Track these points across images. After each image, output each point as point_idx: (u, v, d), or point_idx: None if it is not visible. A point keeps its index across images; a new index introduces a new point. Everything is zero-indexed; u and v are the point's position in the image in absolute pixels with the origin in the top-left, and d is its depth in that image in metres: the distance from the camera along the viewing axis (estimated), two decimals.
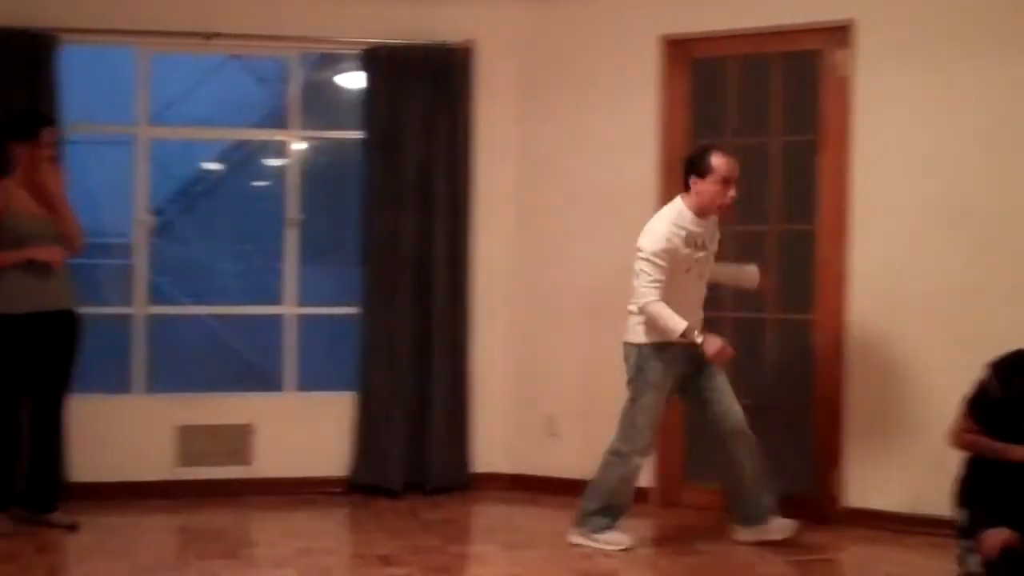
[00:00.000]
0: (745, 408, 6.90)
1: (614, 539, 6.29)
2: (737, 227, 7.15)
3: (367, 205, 7.68)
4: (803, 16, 6.88)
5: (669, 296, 6.01)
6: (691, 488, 7.27)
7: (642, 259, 6.04)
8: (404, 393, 7.60)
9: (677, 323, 5.96)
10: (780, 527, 6.27)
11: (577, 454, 7.45)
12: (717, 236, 6.26)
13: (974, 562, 5.19)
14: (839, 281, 6.78)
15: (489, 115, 7.73)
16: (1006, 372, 5.36)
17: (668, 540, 6.62)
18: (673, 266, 6.02)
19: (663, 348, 6.12)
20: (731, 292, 7.13)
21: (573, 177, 7.58)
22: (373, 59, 7.62)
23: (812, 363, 6.91)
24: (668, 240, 6.01)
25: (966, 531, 5.31)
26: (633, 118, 7.35)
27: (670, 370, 6.18)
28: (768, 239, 7.11)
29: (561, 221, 7.61)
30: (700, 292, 6.27)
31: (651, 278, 6.01)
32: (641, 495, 7.21)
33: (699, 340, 5.98)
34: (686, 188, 6.12)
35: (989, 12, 6.40)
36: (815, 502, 6.87)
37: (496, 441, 7.75)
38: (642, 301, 6.05)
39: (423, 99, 7.61)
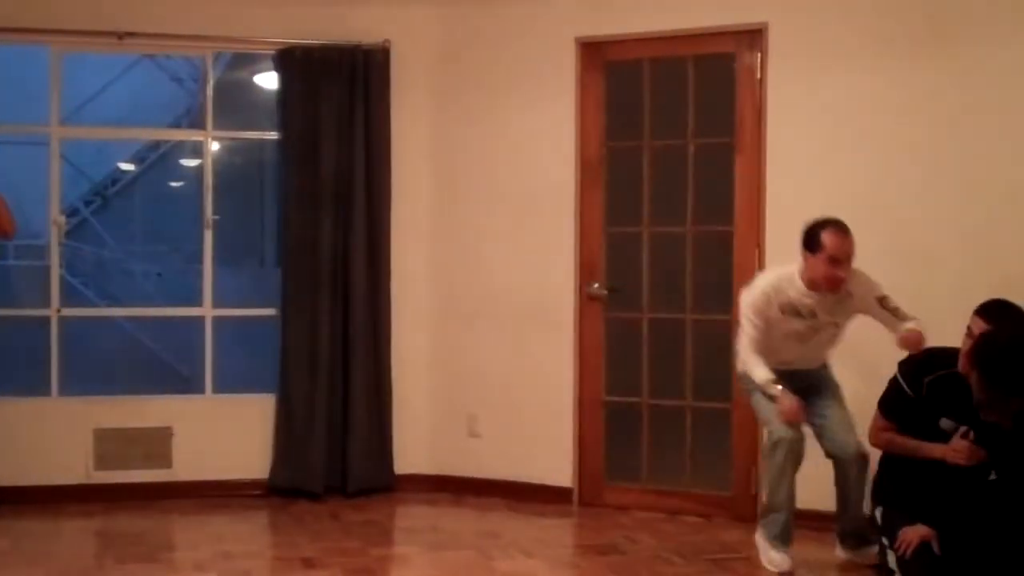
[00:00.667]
0: (664, 408, 7.00)
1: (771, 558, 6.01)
2: (654, 229, 7.24)
3: (284, 206, 7.65)
4: (717, 19, 6.95)
5: (770, 341, 5.91)
6: (612, 488, 7.31)
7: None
8: (324, 395, 7.57)
9: (758, 374, 5.85)
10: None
11: (499, 455, 7.51)
12: (848, 309, 5.90)
13: (891, 559, 5.28)
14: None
15: (406, 116, 7.72)
16: (915, 372, 5.46)
17: (588, 540, 6.66)
18: (772, 326, 5.89)
19: None
20: (648, 290, 7.22)
21: (491, 179, 7.60)
22: (289, 59, 7.58)
23: (730, 362, 6.98)
24: (764, 304, 5.87)
25: (883, 528, 5.40)
26: (550, 120, 7.38)
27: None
28: (685, 241, 7.18)
29: (480, 222, 7.63)
30: (805, 351, 6.02)
31: (746, 333, 5.92)
32: (562, 495, 7.29)
33: (775, 394, 5.83)
34: (802, 255, 5.84)
35: (899, 16, 6.49)
36: (734, 500, 6.95)
37: (418, 442, 7.75)
38: (741, 348, 5.98)
39: (339, 100, 7.59)
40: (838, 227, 5.69)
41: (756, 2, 6.85)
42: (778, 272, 5.95)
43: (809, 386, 5.97)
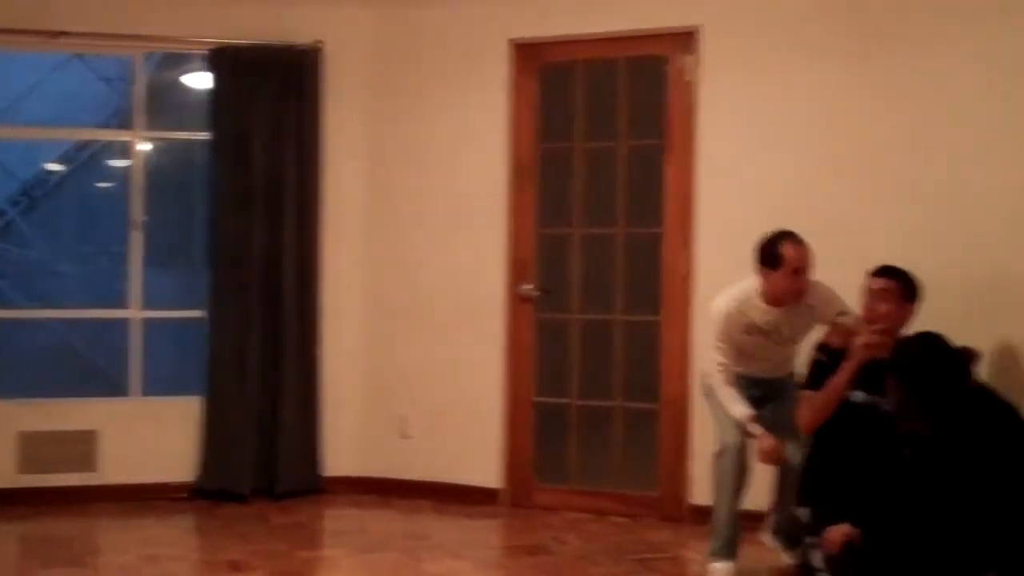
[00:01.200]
0: (593, 409, 7.00)
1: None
2: (585, 230, 7.26)
3: (214, 208, 7.58)
4: (650, 22, 6.98)
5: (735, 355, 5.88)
6: (541, 489, 7.31)
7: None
8: (252, 397, 7.51)
9: (736, 410, 5.77)
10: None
11: (429, 456, 7.49)
12: (809, 322, 5.85)
13: (817, 558, 5.30)
14: (685, 283, 6.89)
15: (338, 117, 7.68)
16: (827, 344, 5.54)
17: (517, 541, 6.66)
18: (738, 345, 5.85)
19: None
20: (579, 292, 7.24)
21: (424, 180, 7.58)
22: (220, 59, 7.52)
23: (659, 363, 7.01)
24: (727, 327, 5.81)
25: (810, 528, 5.42)
26: (483, 122, 7.38)
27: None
28: (616, 242, 7.20)
29: (412, 224, 7.60)
30: (771, 364, 5.97)
31: (717, 360, 5.85)
32: (491, 496, 7.28)
33: (755, 433, 5.76)
34: (759, 273, 5.77)
35: (828, 22, 6.55)
36: (661, 501, 6.97)
37: (347, 444, 7.70)
38: (714, 377, 5.89)
39: (271, 100, 7.54)
40: (794, 239, 5.68)
41: (689, 6, 6.89)
42: (735, 292, 5.85)
43: (771, 393, 5.96)
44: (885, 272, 5.44)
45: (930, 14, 6.20)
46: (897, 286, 5.40)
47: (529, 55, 7.33)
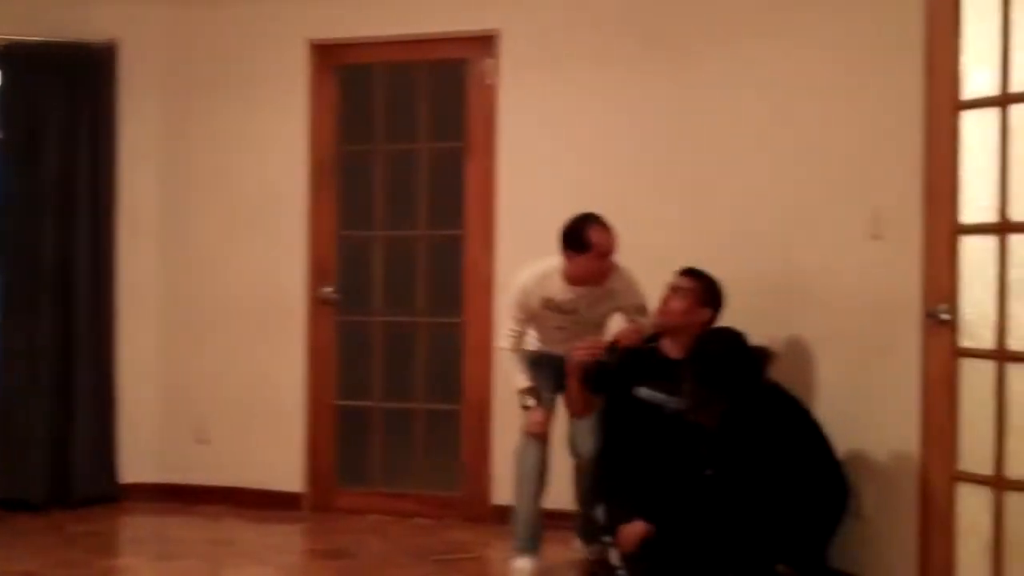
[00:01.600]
0: (396, 411, 7.01)
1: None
2: (386, 233, 7.27)
3: (4, 210, 7.36)
4: (449, 25, 7.02)
5: (537, 325, 5.99)
6: (343, 492, 7.29)
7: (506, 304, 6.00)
8: (45, 403, 7.32)
9: (517, 380, 5.90)
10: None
11: (229, 461, 7.41)
12: (609, 306, 5.98)
13: (615, 556, 5.41)
14: (486, 285, 6.95)
15: (135, 117, 7.52)
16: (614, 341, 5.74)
17: (319, 545, 6.64)
18: (537, 319, 5.94)
19: (536, 355, 6.06)
20: (380, 294, 7.25)
21: (222, 182, 7.48)
22: (9, 57, 7.31)
23: (461, 365, 7.06)
24: (524, 299, 5.88)
25: (606, 526, 5.52)
26: (282, 123, 7.33)
27: (543, 371, 6.03)
28: (417, 244, 7.22)
29: (211, 226, 7.50)
30: (574, 340, 5.92)
31: (506, 327, 5.95)
32: (293, 500, 7.24)
33: (528, 404, 5.87)
34: (564, 255, 5.81)
35: (625, 25, 6.70)
36: (465, 501, 7.02)
37: (145, 450, 7.55)
38: (500, 343, 6.01)
39: (64, 100, 7.35)
40: (600, 223, 5.77)
41: (488, 10, 6.95)
42: (538, 267, 5.94)
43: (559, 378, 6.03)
44: (689, 272, 5.61)
45: (717, 21, 6.36)
46: (696, 287, 5.56)
47: (328, 56, 7.31)
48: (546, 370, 6.00)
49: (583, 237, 5.73)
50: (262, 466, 7.35)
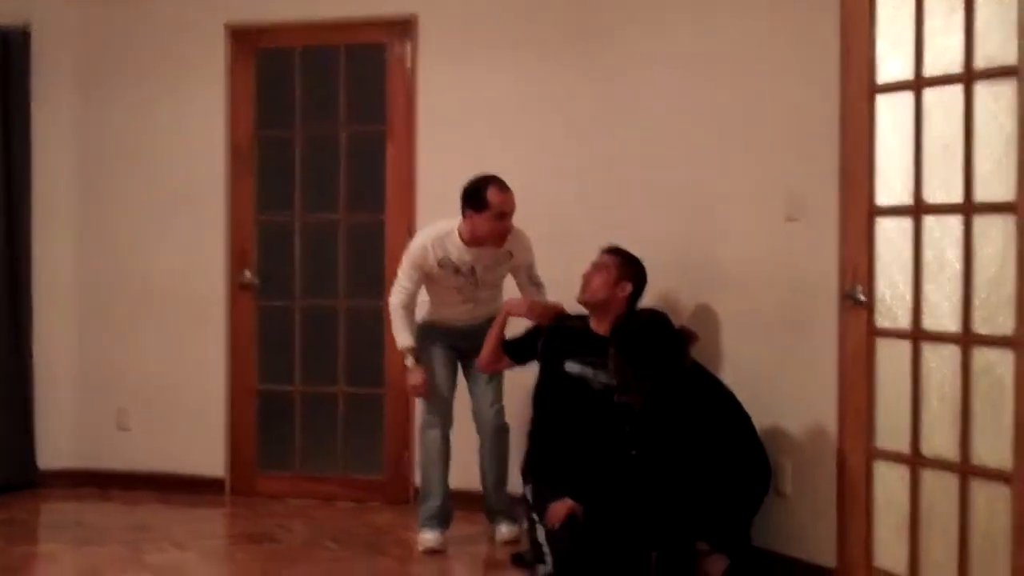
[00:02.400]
0: (318, 395, 7.00)
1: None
2: (306, 217, 7.25)
3: None
4: (367, 9, 7.01)
5: (434, 293, 6.06)
6: (266, 477, 7.28)
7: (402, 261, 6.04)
8: None
9: (400, 338, 5.99)
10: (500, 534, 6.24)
11: (149, 447, 7.38)
12: (505, 268, 6.07)
13: (540, 534, 5.45)
14: None
15: (48, 103, 7.43)
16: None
17: (242, 530, 6.62)
18: (433, 281, 5.99)
19: (430, 326, 6.12)
20: (301, 278, 7.24)
21: (140, 167, 7.42)
22: None
23: (383, 349, 7.05)
24: (421, 257, 5.93)
25: (533, 505, 5.57)
26: (201, 107, 7.28)
27: (438, 344, 6.12)
28: (338, 228, 7.21)
29: (129, 212, 7.44)
30: (469, 308, 6.09)
31: (399, 283, 5.99)
32: (215, 486, 7.22)
33: (408, 365, 6.00)
34: (463, 215, 5.90)
35: (545, 10, 6.73)
36: (387, 484, 7.04)
37: (63, 436, 7.49)
38: (391, 299, 6.03)
39: None
40: (500, 183, 5.85)
41: None
42: (437, 226, 6.00)
43: (473, 347, 6.07)
44: (611, 250, 5.73)
45: (633, 6, 6.41)
46: (615, 261, 5.67)
47: (246, 40, 7.27)
48: (438, 349, 6.10)
49: (482, 196, 5.81)
50: (183, 452, 7.32)
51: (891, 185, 4.96)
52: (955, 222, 4.64)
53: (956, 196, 4.63)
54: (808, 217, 5.32)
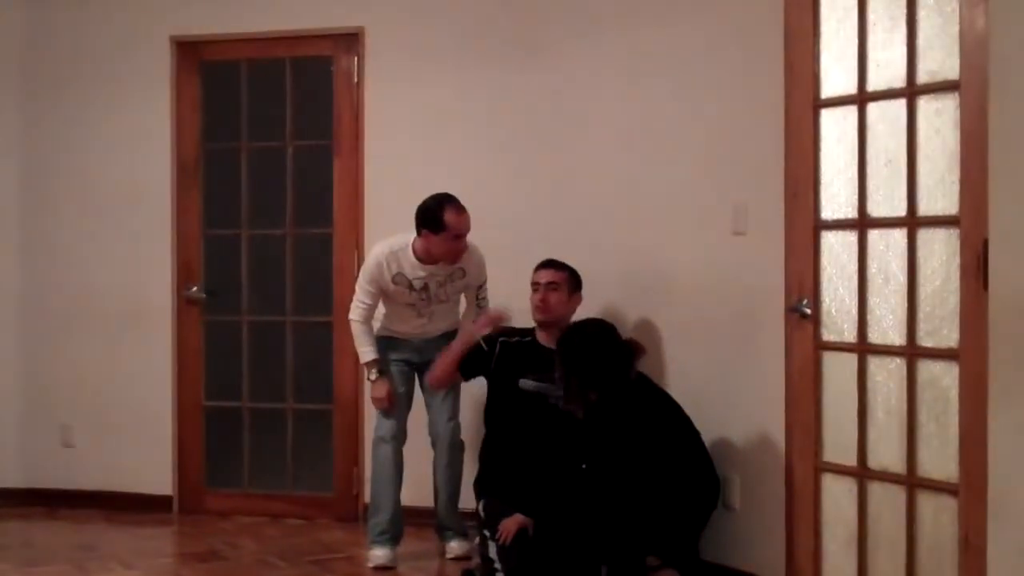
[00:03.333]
0: (266, 411, 6.95)
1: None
2: (253, 231, 7.21)
3: None
4: (313, 22, 6.98)
5: (390, 309, 6.09)
6: (213, 494, 7.22)
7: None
8: None
9: (363, 353, 6.01)
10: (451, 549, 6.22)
11: (95, 465, 7.31)
12: (459, 286, 6.08)
13: (492, 549, 5.44)
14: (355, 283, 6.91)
15: None
16: (493, 334, 5.85)
17: (190, 548, 6.56)
18: (388, 296, 6.01)
19: (384, 339, 6.11)
20: (248, 293, 7.20)
21: (83, 180, 7.35)
22: None
23: (332, 364, 7.02)
24: (376, 272, 5.94)
25: (486, 520, 5.56)
26: (146, 120, 7.22)
27: (393, 359, 6.11)
28: (285, 243, 7.17)
29: (72, 226, 7.37)
30: (423, 323, 6.10)
31: (357, 299, 6.01)
32: (162, 504, 7.16)
33: (371, 379, 6.01)
34: (418, 233, 5.90)
35: (490, 23, 6.72)
36: (336, 501, 7.00)
37: (6, 455, 7.41)
38: (351, 316, 6.03)
39: None
40: (456, 204, 5.86)
41: (352, 7, 6.93)
42: (391, 242, 6.01)
43: (426, 362, 6.08)
44: (552, 264, 5.79)
45: (578, 18, 6.42)
46: (565, 277, 5.76)
47: (191, 53, 7.22)
48: (393, 364, 6.11)
49: (439, 217, 5.82)
50: (129, 469, 7.24)
51: (836, 199, 4.99)
52: (899, 236, 4.68)
53: (900, 210, 4.67)
54: (754, 231, 5.34)
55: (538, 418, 5.58)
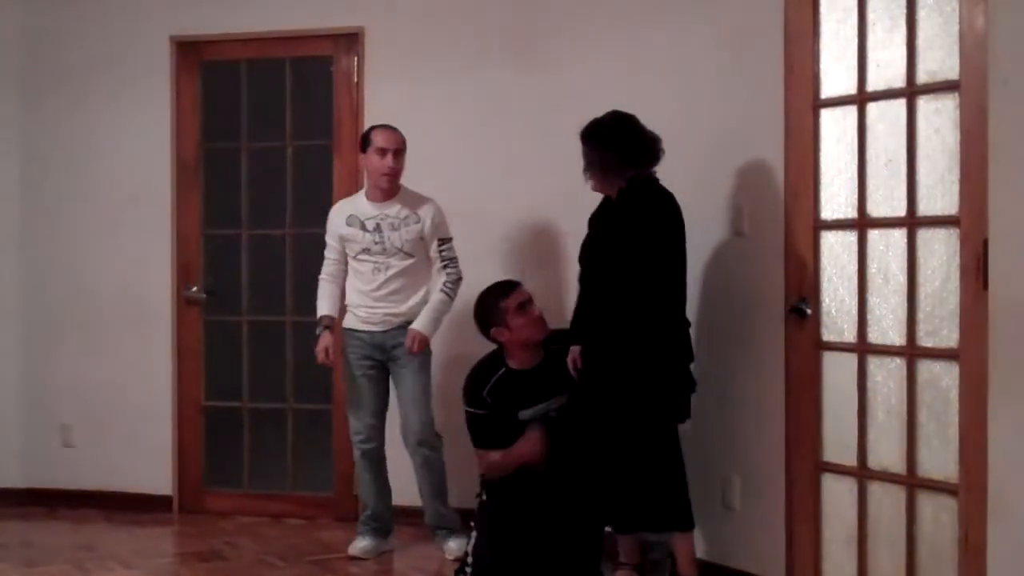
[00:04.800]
0: (265, 411, 6.94)
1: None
2: (253, 231, 7.21)
3: None
4: (313, 22, 6.98)
5: (352, 280, 6.17)
6: (213, 494, 7.23)
7: None
8: None
9: (319, 307, 6.21)
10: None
11: (95, 464, 7.31)
12: (414, 233, 6.04)
13: (471, 543, 5.44)
14: None
15: None
16: (473, 393, 5.56)
17: (190, 548, 6.56)
18: (348, 248, 6.12)
19: (349, 332, 6.16)
20: (248, 293, 7.20)
21: (84, 180, 7.35)
22: None
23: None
24: (334, 218, 6.20)
25: (476, 514, 5.56)
26: (144, 120, 7.21)
27: (360, 359, 6.12)
28: (284, 243, 7.18)
29: (73, 225, 7.37)
30: (382, 273, 6.05)
31: (325, 254, 6.23)
32: (162, 503, 7.16)
33: (318, 332, 6.15)
34: (360, 163, 6.22)
35: (490, 24, 6.73)
36: (336, 501, 7.00)
37: (7, 455, 7.42)
38: (320, 276, 6.23)
39: None
40: (386, 126, 6.14)
41: (352, 7, 6.92)
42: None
43: (393, 359, 6.09)
44: (519, 282, 5.66)
45: (577, 20, 6.43)
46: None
47: (191, 53, 7.22)
48: (361, 364, 6.12)
49: (366, 136, 6.15)
50: (130, 469, 7.25)
51: (836, 199, 4.99)
52: (899, 236, 4.69)
53: (900, 210, 4.67)
54: (754, 231, 5.34)
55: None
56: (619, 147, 5.22)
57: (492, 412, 5.48)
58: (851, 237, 4.89)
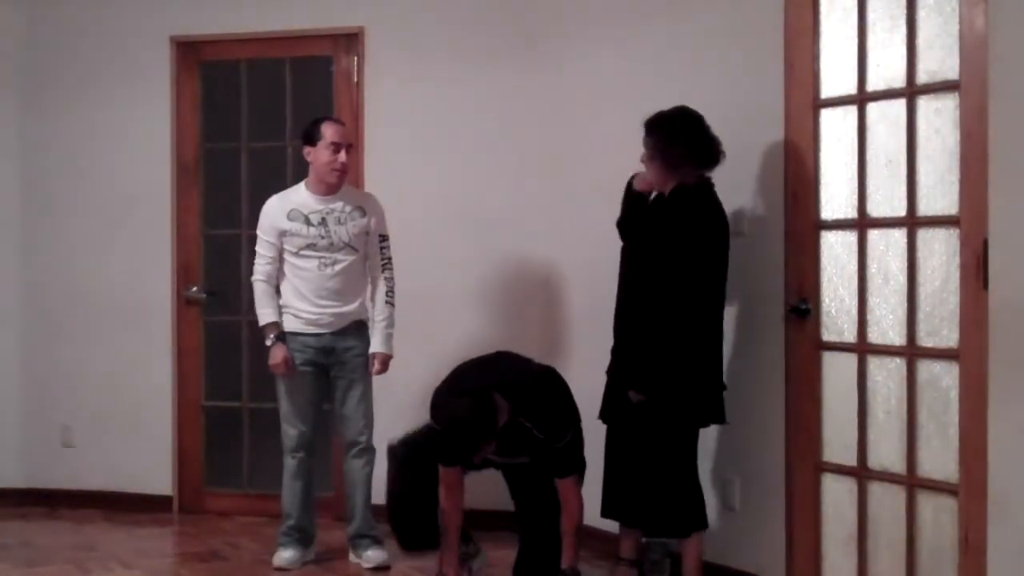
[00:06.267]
0: (265, 411, 6.93)
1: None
2: (253, 232, 7.18)
3: None
4: (313, 22, 6.99)
5: (291, 280, 5.95)
6: (213, 494, 7.23)
7: None
8: None
9: (261, 315, 5.95)
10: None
11: (95, 464, 7.32)
12: (358, 227, 5.94)
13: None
14: None
15: None
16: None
17: (190, 548, 6.56)
18: (289, 244, 5.90)
19: (291, 336, 5.99)
20: (248, 293, 7.19)
21: (84, 180, 7.37)
22: None
23: None
24: (269, 213, 5.96)
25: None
26: (146, 119, 7.23)
27: (300, 363, 5.99)
28: None
29: (73, 225, 7.38)
30: (329, 268, 5.91)
31: (258, 255, 5.97)
32: (162, 504, 7.16)
33: (268, 344, 5.94)
34: (305, 157, 5.98)
35: (490, 24, 6.75)
36: (335, 501, 6.96)
37: (7, 455, 7.43)
38: (253, 276, 5.99)
39: None
40: (333, 119, 6.04)
41: (352, 7, 6.93)
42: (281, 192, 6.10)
43: (339, 363, 6.01)
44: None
45: (577, 19, 6.44)
46: None
47: (191, 53, 7.23)
48: (300, 368, 5.99)
49: (315, 129, 5.92)
50: (129, 469, 7.26)
51: (836, 199, 4.99)
52: (899, 236, 4.68)
53: (900, 210, 4.67)
54: (754, 231, 5.33)
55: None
56: (687, 143, 5.14)
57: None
58: (851, 237, 4.89)
